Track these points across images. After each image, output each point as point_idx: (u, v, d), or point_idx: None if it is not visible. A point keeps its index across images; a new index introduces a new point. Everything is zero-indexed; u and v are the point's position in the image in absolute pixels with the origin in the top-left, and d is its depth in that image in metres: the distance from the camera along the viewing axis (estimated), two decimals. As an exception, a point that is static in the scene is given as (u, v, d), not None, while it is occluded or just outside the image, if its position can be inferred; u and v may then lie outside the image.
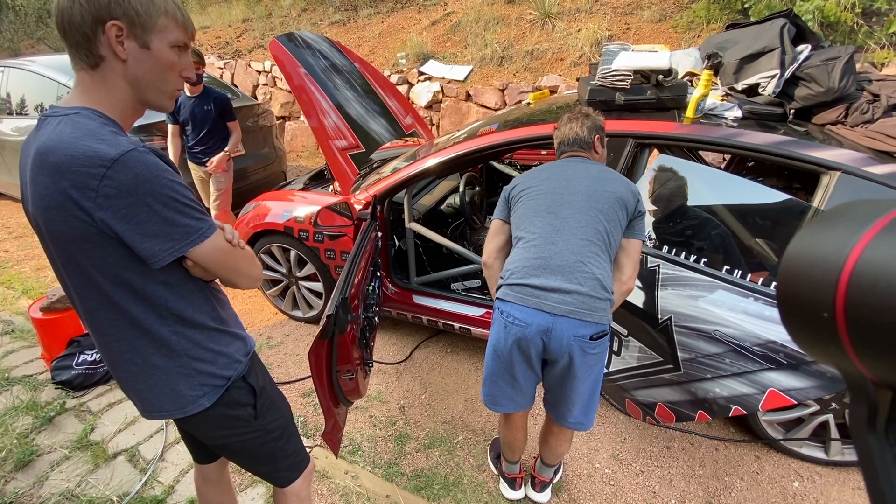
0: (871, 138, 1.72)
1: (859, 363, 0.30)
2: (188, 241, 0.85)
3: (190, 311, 0.96)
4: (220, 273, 0.95)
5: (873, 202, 0.32)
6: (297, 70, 2.58)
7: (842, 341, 0.30)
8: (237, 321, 1.14)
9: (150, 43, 0.84)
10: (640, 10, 4.81)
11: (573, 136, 1.53)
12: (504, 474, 1.80)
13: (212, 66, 7.07)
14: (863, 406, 0.32)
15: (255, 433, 1.14)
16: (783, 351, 1.32)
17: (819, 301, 0.31)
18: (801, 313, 0.33)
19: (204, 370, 1.01)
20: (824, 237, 0.33)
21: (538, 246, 1.33)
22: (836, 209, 0.34)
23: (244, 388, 1.10)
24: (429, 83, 5.10)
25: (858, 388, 0.32)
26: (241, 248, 0.97)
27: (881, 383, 0.31)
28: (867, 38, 3.66)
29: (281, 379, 2.44)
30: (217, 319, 1.03)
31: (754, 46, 1.88)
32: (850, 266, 0.29)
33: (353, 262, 1.63)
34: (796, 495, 1.80)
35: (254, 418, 1.13)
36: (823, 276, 0.31)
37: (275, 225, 2.57)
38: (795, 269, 0.34)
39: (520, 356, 1.35)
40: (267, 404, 1.15)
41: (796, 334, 0.36)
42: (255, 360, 1.17)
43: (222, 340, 1.04)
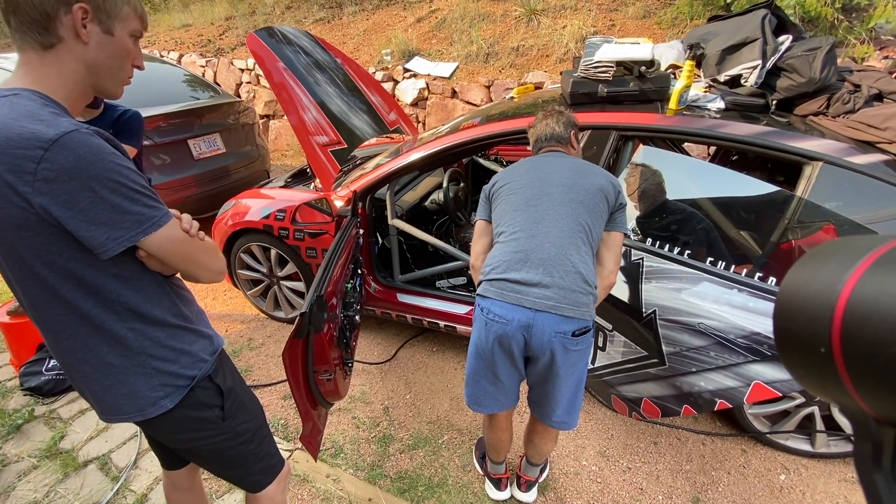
0: (852, 128, 1.72)
1: (860, 400, 0.30)
2: (139, 229, 0.79)
3: (147, 307, 0.91)
4: (177, 265, 0.90)
5: (863, 238, 0.31)
6: (276, 65, 2.51)
7: (841, 377, 0.30)
8: (203, 318, 1.08)
9: (113, 29, 0.83)
10: (624, 7, 4.82)
11: (549, 132, 1.52)
12: (489, 475, 1.76)
13: (193, 65, 6.95)
14: (867, 443, 0.31)
15: (223, 436, 1.09)
16: (767, 342, 1.30)
17: (816, 336, 0.31)
18: (799, 349, 0.33)
19: (165, 370, 0.96)
20: (817, 273, 0.33)
21: (518, 240, 1.30)
22: (827, 246, 0.34)
23: (210, 388, 1.05)
24: (414, 80, 5.05)
25: (862, 426, 0.31)
26: (201, 239, 0.92)
27: (884, 420, 0.30)
28: (847, 33, 3.70)
29: (262, 381, 2.38)
30: (179, 316, 0.98)
31: (736, 37, 1.87)
32: (844, 301, 0.29)
33: (331, 260, 1.58)
34: (783, 488, 1.79)
35: (221, 420, 1.07)
36: (818, 311, 0.30)
37: (253, 223, 2.50)
38: (790, 306, 0.34)
39: (502, 354, 1.32)
40: (236, 405, 1.10)
41: (795, 371, 0.35)
42: (223, 360, 1.11)
43: (185, 338, 0.99)
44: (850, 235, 1.53)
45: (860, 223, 1.47)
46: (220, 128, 3.84)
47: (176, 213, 0.89)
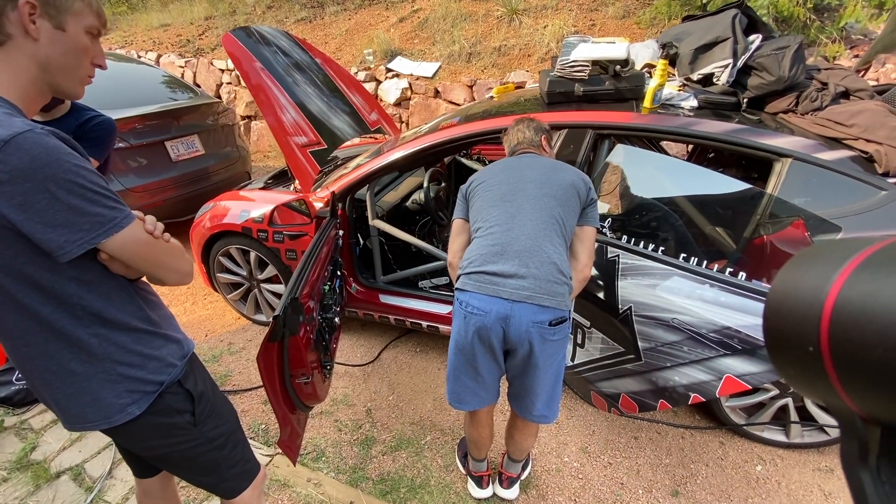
0: (820, 125, 1.76)
1: (847, 398, 0.30)
2: (99, 231, 0.78)
3: (112, 312, 0.89)
4: (141, 267, 0.88)
5: (852, 240, 0.32)
6: (252, 65, 2.48)
7: (829, 376, 0.30)
8: (171, 322, 1.06)
9: (65, 25, 0.81)
10: (604, 7, 4.87)
11: (521, 137, 1.58)
12: (471, 473, 1.76)
13: (172, 65, 6.83)
14: (853, 442, 0.32)
15: (194, 442, 1.07)
16: (737, 336, 1.33)
17: (804, 336, 0.31)
18: (788, 349, 0.34)
19: (132, 375, 0.94)
20: (807, 274, 0.33)
21: (494, 233, 1.32)
22: (817, 246, 0.35)
23: (180, 393, 1.03)
24: (397, 80, 5.04)
25: (848, 425, 0.32)
26: (166, 241, 0.90)
27: (869, 419, 0.31)
28: (819, 32, 3.79)
29: (242, 385, 2.35)
30: (145, 320, 0.96)
31: (707, 36, 1.90)
32: (832, 301, 0.29)
33: (307, 262, 1.57)
34: (759, 479, 1.82)
35: (192, 426, 1.05)
36: (807, 311, 0.31)
37: (232, 226, 2.46)
38: (780, 305, 0.34)
39: (481, 347, 1.32)
40: (207, 411, 1.08)
41: (784, 370, 0.36)
42: (193, 364, 1.10)
43: (152, 343, 0.97)
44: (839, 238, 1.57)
45: (826, 219, 1.50)
46: (199, 129, 3.78)
47: (139, 215, 0.87)
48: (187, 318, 2.92)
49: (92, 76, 0.89)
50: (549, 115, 1.92)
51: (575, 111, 1.93)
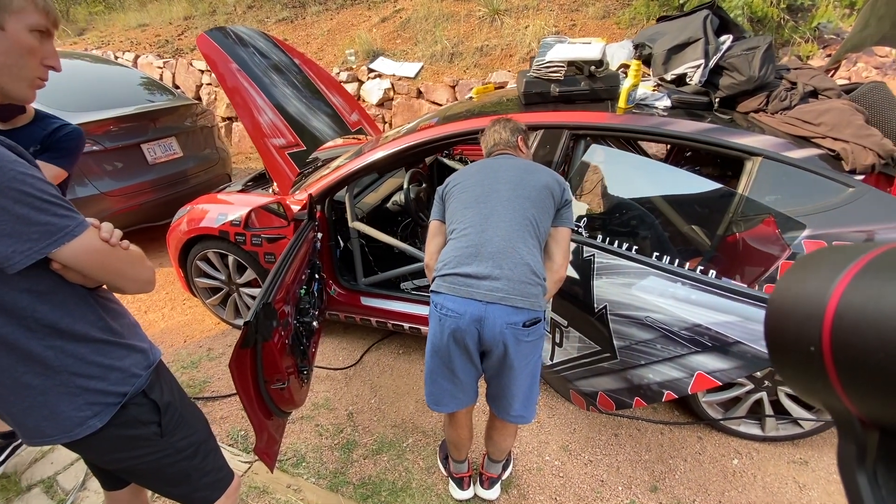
0: (789, 124, 1.79)
1: (847, 400, 0.30)
2: (49, 241, 0.75)
3: (68, 322, 0.86)
4: (98, 276, 0.86)
5: (855, 245, 0.32)
6: (228, 67, 2.44)
7: (829, 377, 0.30)
8: (136, 331, 1.04)
9: (4, 23, 0.77)
10: (584, 7, 4.91)
11: (497, 138, 1.58)
12: (452, 474, 1.76)
13: (150, 66, 6.70)
14: (851, 445, 0.32)
15: (162, 453, 1.05)
16: (708, 333, 1.35)
17: (806, 336, 0.31)
18: (788, 348, 0.34)
19: (92, 387, 0.91)
20: (810, 275, 0.33)
21: (469, 235, 1.32)
22: (823, 250, 0.35)
23: (145, 404, 1.01)
24: (379, 80, 5.01)
25: (847, 427, 0.32)
26: (124, 248, 0.88)
27: (869, 422, 0.31)
28: (793, 32, 3.87)
29: (222, 392, 2.31)
30: (106, 330, 0.93)
31: (680, 37, 1.92)
32: (834, 304, 0.29)
33: (281, 266, 1.55)
34: (736, 472, 1.85)
35: (159, 437, 1.03)
36: (810, 311, 0.31)
37: (209, 229, 2.43)
38: (783, 304, 0.35)
39: (457, 349, 1.33)
40: (175, 421, 1.06)
41: (784, 371, 0.36)
42: (160, 373, 1.07)
43: (114, 353, 0.94)
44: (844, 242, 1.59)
45: (791, 216, 1.53)
46: (177, 131, 3.72)
47: (94, 222, 0.85)
48: (166, 324, 2.87)
49: (44, 78, 0.85)
50: (525, 116, 1.92)
51: (551, 112, 1.94)
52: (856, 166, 1.64)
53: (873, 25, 2.13)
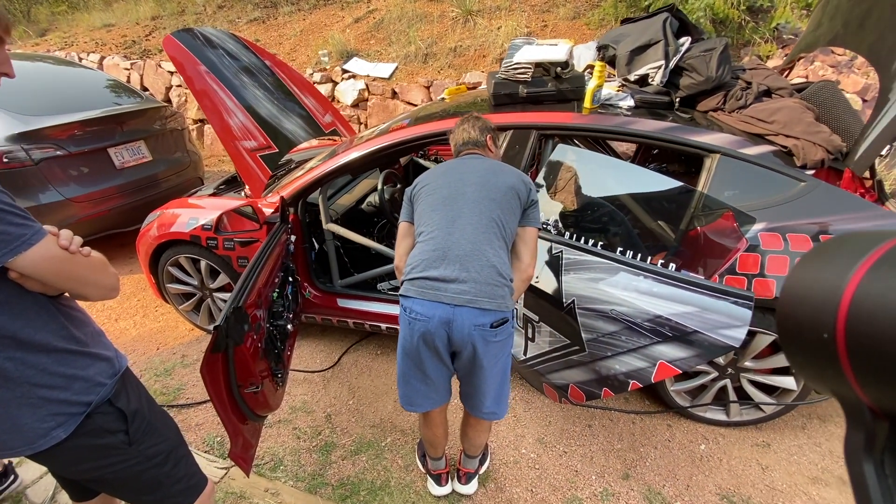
0: (745, 122, 1.87)
1: (859, 389, 0.30)
2: (6, 250, 0.75)
3: (28, 333, 0.85)
4: (58, 284, 0.85)
5: (874, 232, 0.32)
6: (196, 69, 2.41)
7: (841, 364, 0.30)
8: (100, 340, 1.03)
9: None
10: (556, 8, 4.99)
11: (466, 137, 1.57)
12: (430, 471, 1.78)
13: (117, 67, 6.52)
14: (860, 434, 0.32)
15: (131, 461, 1.04)
16: (668, 324, 1.41)
17: (820, 322, 0.31)
18: (801, 334, 0.33)
19: (54, 398, 0.90)
20: (827, 262, 0.33)
21: (436, 238, 1.33)
22: (839, 237, 0.35)
23: (111, 413, 1.00)
24: (353, 81, 4.99)
25: (856, 416, 0.32)
26: (85, 255, 0.87)
27: (881, 412, 0.30)
28: (753, 33, 4.01)
29: (197, 398, 2.28)
30: (69, 339, 0.92)
31: (641, 39, 1.99)
32: (851, 292, 0.29)
33: (253, 270, 1.54)
34: (703, 457, 1.93)
35: (127, 445, 1.03)
36: (825, 296, 0.31)
37: (180, 234, 2.39)
38: (797, 291, 0.34)
39: (427, 351, 1.35)
40: (143, 428, 1.05)
41: (794, 357, 0.35)
42: (126, 381, 1.06)
43: (77, 363, 0.94)
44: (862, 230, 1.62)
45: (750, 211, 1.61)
46: (145, 134, 3.63)
47: (52, 230, 0.84)
48: (137, 332, 2.81)
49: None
50: (495, 117, 1.96)
51: (519, 112, 1.98)
52: (806, 162, 1.72)
53: (825, 25, 2.23)
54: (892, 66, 1.58)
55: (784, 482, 1.81)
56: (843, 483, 1.80)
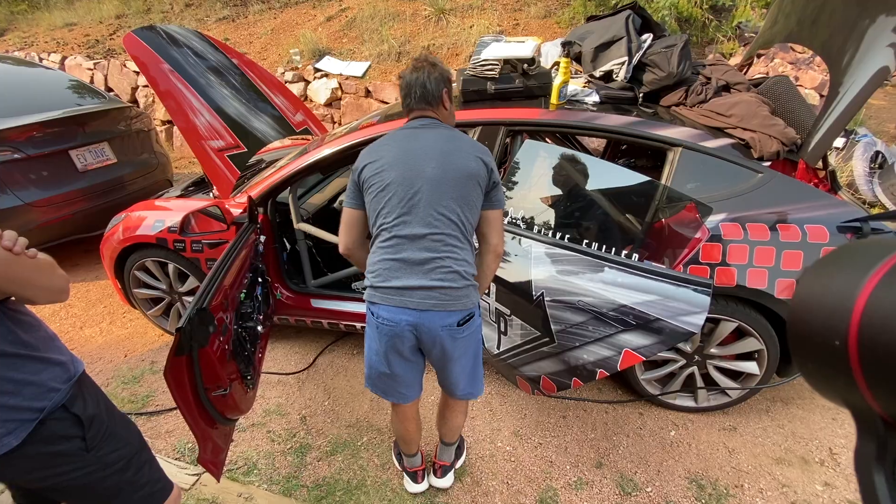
0: (705, 116, 1.93)
1: (871, 398, 0.29)
2: None
3: None
4: (4, 288, 0.82)
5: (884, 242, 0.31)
6: (159, 66, 2.35)
7: (853, 373, 0.29)
8: (53, 344, 1.00)
9: None
10: (527, 7, 5.04)
11: (419, 86, 1.35)
12: (406, 469, 1.78)
13: (79, 68, 6.30)
14: (871, 444, 0.31)
15: (89, 468, 1.01)
16: (632, 313, 1.44)
17: (832, 329, 0.30)
18: (812, 342, 0.33)
19: (3, 404, 0.87)
20: (839, 270, 0.32)
21: (395, 247, 1.30)
22: (851, 244, 0.34)
23: (67, 418, 0.97)
24: (326, 80, 4.94)
25: (868, 425, 0.31)
26: (31, 257, 0.84)
27: (893, 421, 0.30)
28: (716, 31, 4.14)
29: (167, 405, 2.23)
30: (17, 344, 0.89)
31: (605, 36, 2.03)
32: (864, 301, 0.29)
33: (218, 271, 1.52)
34: (673, 443, 1.98)
35: (85, 451, 1.00)
36: (838, 304, 0.30)
37: (146, 237, 2.33)
38: (809, 298, 0.34)
39: (395, 354, 1.37)
40: (102, 434, 1.03)
41: (804, 365, 0.35)
42: (83, 386, 1.03)
43: (26, 367, 0.91)
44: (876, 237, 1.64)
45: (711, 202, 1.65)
46: (109, 136, 3.52)
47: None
48: (104, 339, 2.72)
49: None
50: (464, 113, 1.97)
51: (488, 108, 2.00)
52: (763, 153, 1.79)
53: (781, 23, 2.31)
54: (842, 63, 1.64)
55: (749, 463, 1.88)
56: (804, 462, 1.88)
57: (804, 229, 1.67)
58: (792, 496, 1.75)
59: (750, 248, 1.68)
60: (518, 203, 1.71)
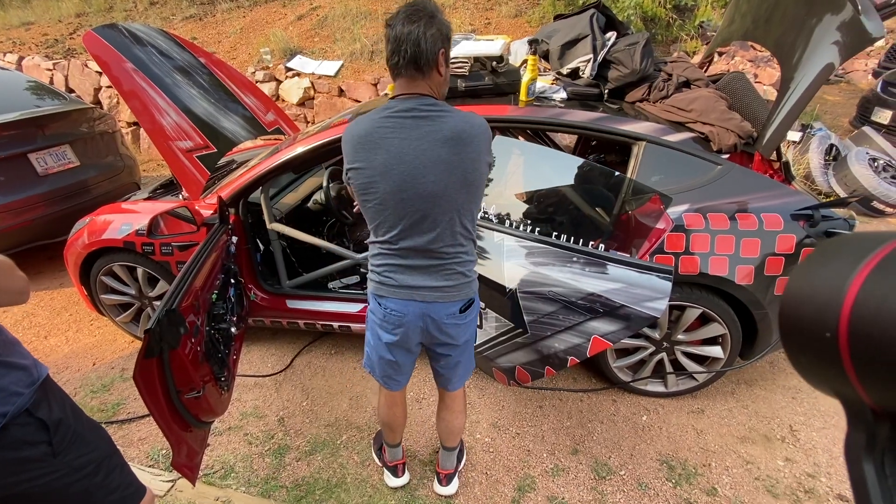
0: (667, 111, 2.00)
1: (861, 389, 0.30)
2: None
3: None
4: None
5: (878, 233, 0.32)
6: (122, 65, 2.28)
7: (844, 365, 0.30)
8: (15, 349, 0.97)
9: None
10: (498, 6, 5.09)
11: (411, 43, 1.10)
12: (387, 463, 1.79)
13: (38, 68, 6.05)
14: (861, 434, 0.32)
15: (57, 473, 0.99)
16: (599, 301, 1.49)
17: (822, 321, 0.31)
18: (803, 333, 0.33)
19: (-38, 411, 0.85)
20: (830, 262, 0.33)
21: (399, 254, 1.26)
22: (841, 238, 0.35)
23: (31, 423, 0.95)
24: (298, 79, 4.89)
25: (857, 416, 0.32)
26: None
27: (882, 412, 0.30)
28: (680, 30, 4.27)
29: (139, 412, 2.18)
30: (-24, 350, 0.87)
31: (571, 34, 2.08)
32: (854, 292, 0.29)
33: (188, 272, 1.50)
34: (645, 427, 2.05)
35: (52, 456, 0.98)
36: (828, 296, 0.31)
37: (113, 241, 2.26)
38: (800, 290, 0.34)
39: (401, 342, 1.38)
40: (69, 438, 1.01)
41: (796, 357, 0.35)
42: (48, 390, 1.01)
43: (-14, 373, 0.88)
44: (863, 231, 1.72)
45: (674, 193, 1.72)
46: (71, 138, 3.40)
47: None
48: (70, 348, 2.64)
49: None
50: (435, 110, 1.98)
51: (458, 106, 2.02)
52: (721, 146, 1.87)
53: (738, 22, 2.42)
54: (793, 59, 1.73)
55: (716, 443, 1.96)
56: (767, 440, 1.97)
57: (761, 218, 1.75)
58: (756, 472, 1.83)
59: (711, 237, 1.76)
60: (490, 199, 1.74)
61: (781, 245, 1.73)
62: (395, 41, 1.13)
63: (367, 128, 1.19)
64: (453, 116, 1.17)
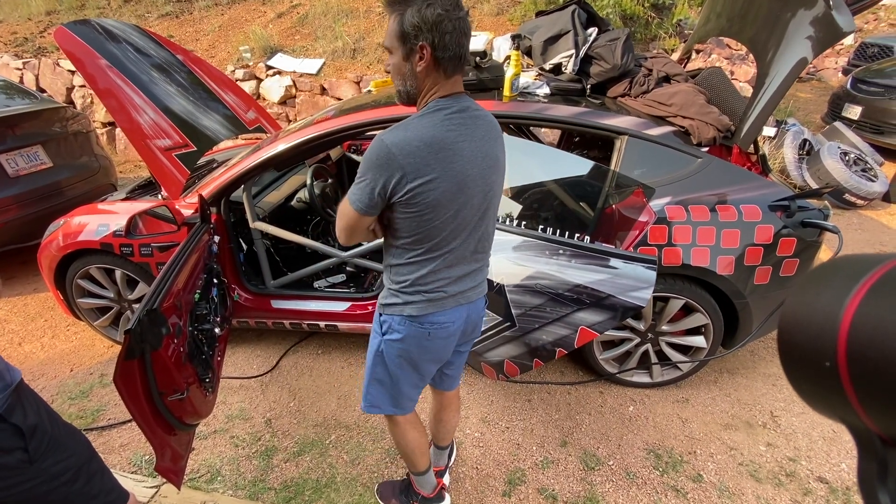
0: (648, 106, 2.03)
1: (865, 417, 0.29)
2: None
3: None
4: None
5: (869, 256, 0.31)
6: (96, 62, 2.22)
7: (846, 393, 0.29)
8: (-14, 353, 0.94)
9: None
10: (480, 4, 5.10)
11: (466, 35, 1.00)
12: (427, 497, 1.61)
13: (7, 68, 5.85)
14: (872, 463, 0.31)
15: (35, 481, 0.96)
16: (586, 292, 1.51)
17: (820, 350, 0.30)
18: (803, 363, 0.33)
19: (-68, 418, 0.81)
20: (824, 287, 0.32)
21: (444, 260, 1.16)
22: (836, 260, 0.34)
23: (5, 429, 0.92)
24: (279, 78, 4.82)
25: (867, 445, 0.31)
26: None
27: (889, 440, 0.29)
28: (658, 28, 4.34)
29: (119, 418, 2.12)
30: (-55, 354, 0.83)
31: (553, 30, 2.10)
32: (849, 318, 0.29)
33: (168, 271, 1.46)
34: (632, 418, 2.08)
35: (28, 463, 0.94)
36: (824, 324, 0.30)
37: (90, 243, 2.20)
38: (795, 319, 0.33)
39: (437, 358, 1.32)
40: (46, 444, 0.97)
41: (799, 386, 0.34)
42: (22, 395, 0.98)
43: (-44, 379, 0.85)
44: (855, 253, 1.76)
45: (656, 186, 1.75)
46: (43, 138, 3.30)
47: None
48: (46, 355, 2.56)
49: None
50: (419, 106, 1.98)
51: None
52: (701, 140, 1.91)
53: (713, 21, 2.47)
54: (767, 55, 1.78)
55: (701, 431, 2.00)
56: (749, 426, 2.02)
57: (740, 209, 1.79)
58: (739, 458, 1.88)
59: (693, 229, 1.79)
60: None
61: (760, 235, 1.77)
62: (455, 31, 0.96)
63: (435, 133, 1.01)
64: (488, 113, 1.15)
